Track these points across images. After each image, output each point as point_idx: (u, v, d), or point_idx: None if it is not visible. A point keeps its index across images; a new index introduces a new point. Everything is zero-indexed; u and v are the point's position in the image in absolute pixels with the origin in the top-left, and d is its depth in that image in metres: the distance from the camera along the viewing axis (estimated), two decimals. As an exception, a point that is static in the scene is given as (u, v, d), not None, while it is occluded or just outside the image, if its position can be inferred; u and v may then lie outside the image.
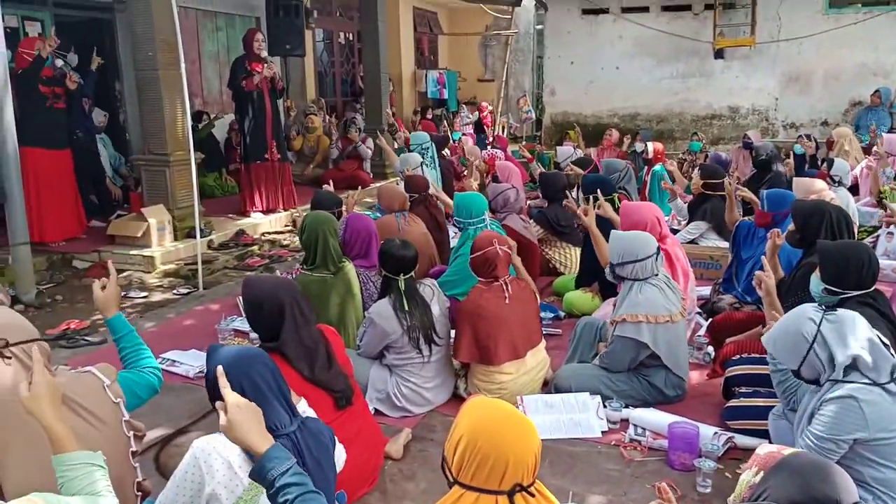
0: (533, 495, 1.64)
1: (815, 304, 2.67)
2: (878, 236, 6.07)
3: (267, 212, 7.74)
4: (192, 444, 2.03)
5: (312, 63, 12.24)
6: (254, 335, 3.69)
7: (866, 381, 2.44)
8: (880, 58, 10.70)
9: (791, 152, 8.33)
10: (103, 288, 2.52)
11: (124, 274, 5.99)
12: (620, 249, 3.63)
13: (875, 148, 7.84)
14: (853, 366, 2.47)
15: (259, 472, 1.69)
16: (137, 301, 5.44)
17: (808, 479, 1.45)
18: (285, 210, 7.87)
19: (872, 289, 3.00)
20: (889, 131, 8.79)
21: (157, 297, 5.59)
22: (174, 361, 4.13)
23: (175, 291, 5.66)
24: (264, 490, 2.03)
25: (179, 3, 5.60)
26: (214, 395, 2.17)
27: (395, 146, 10.74)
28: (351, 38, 13.84)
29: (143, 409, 2.64)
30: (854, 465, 2.45)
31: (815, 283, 3.05)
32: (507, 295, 3.58)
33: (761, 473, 1.53)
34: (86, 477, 1.81)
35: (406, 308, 3.44)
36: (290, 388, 2.19)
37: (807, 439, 2.46)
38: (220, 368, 1.84)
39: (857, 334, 2.49)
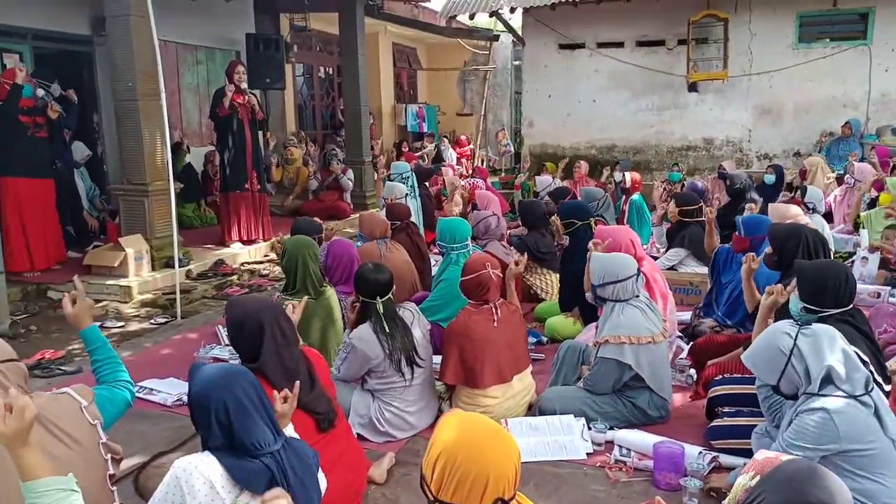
0: None
1: (791, 321, 2.70)
2: (853, 262, 6.17)
3: (247, 242, 7.69)
4: (172, 465, 1.99)
5: (292, 96, 12.33)
6: (234, 362, 3.65)
7: (841, 393, 2.46)
8: (849, 90, 10.98)
9: (762, 181, 8.46)
10: (73, 302, 2.48)
11: (101, 304, 5.90)
12: (601, 271, 3.65)
13: (846, 177, 8.03)
14: (829, 379, 2.49)
15: None
16: (114, 331, 5.35)
17: (804, 485, 1.45)
18: (265, 240, 7.84)
19: (851, 307, 3.04)
20: (860, 160, 8.97)
21: (134, 326, 5.50)
22: (152, 390, 4.05)
23: (152, 321, 5.58)
24: (248, 508, 1.99)
25: (159, 35, 5.62)
26: (196, 417, 2.13)
27: (376, 177, 10.82)
28: (331, 72, 13.97)
29: (120, 437, 2.59)
30: (834, 477, 2.46)
31: (794, 303, 3.09)
32: (496, 318, 3.58)
33: (757, 478, 1.53)
34: (62, 501, 1.76)
35: (387, 331, 3.41)
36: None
37: (780, 444, 2.47)
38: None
39: (832, 347, 2.52)
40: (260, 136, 8.22)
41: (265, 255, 7.75)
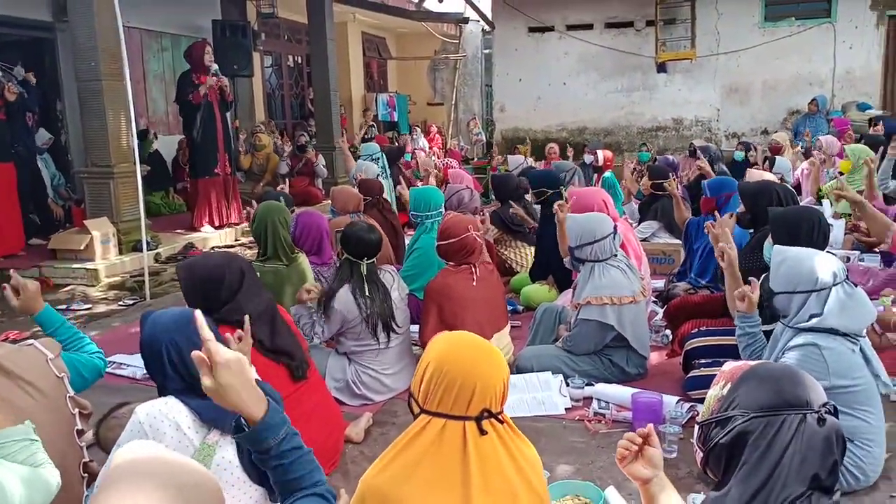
0: (502, 423, 1.59)
1: (841, 266, 2.61)
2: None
3: (218, 227, 7.57)
4: (134, 411, 1.91)
5: (261, 85, 12.17)
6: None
7: (826, 329, 2.47)
8: (814, 68, 11.14)
9: (731, 158, 8.56)
10: (17, 293, 2.41)
11: (67, 288, 5.77)
12: (578, 231, 3.63)
13: (815, 152, 8.12)
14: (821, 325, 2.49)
15: (254, 438, 1.41)
16: (80, 313, 5.23)
17: (778, 383, 1.43)
18: (236, 224, 7.73)
19: (825, 251, 3.06)
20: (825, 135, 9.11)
21: (102, 308, 5.38)
22: (121, 364, 3.97)
23: (120, 303, 5.46)
24: (218, 450, 1.93)
25: (123, 21, 5.49)
26: (150, 366, 2.05)
27: (339, 146, 10.72)
28: (300, 61, 13.83)
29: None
30: (817, 414, 2.46)
31: (768, 248, 3.10)
32: (475, 277, 3.55)
33: (728, 385, 1.50)
34: (22, 451, 1.69)
35: (367, 293, 3.36)
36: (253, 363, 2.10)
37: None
38: (198, 313, 1.49)
39: (855, 311, 2.49)
40: (229, 117, 8.10)
41: (236, 240, 7.64)
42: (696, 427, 1.55)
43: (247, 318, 2.35)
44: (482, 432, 1.54)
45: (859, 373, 2.49)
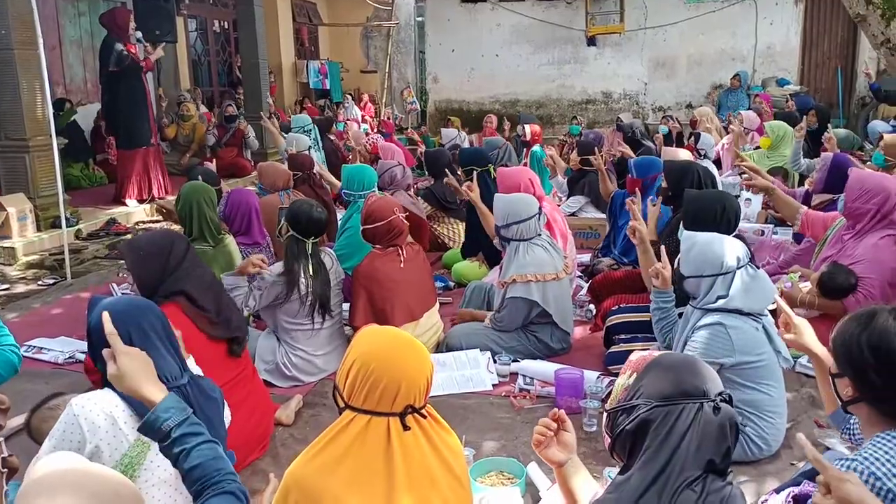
0: (424, 417, 1.65)
1: (745, 250, 2.77)
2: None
3: (145, 200, 7.33)
4: (69, 403, 1.90)
5: (185, 51, 11.75)
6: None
7: (732, 309, 2.62)
8: (737, 44, 11.50)
9: (656, 132, 8.80)
10: None
11: (-19, 267, 5.53)
12: (504, 211, 3.71)
13: (732, 126, 8.42)
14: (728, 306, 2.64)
15: (153, 423, 1.52)
16: (-2, 294, 5.04)
17: (679, 374, 1.54)
18: (163, 197, 7.51)
19: (732, 235, 3.21)
20: (747, 109, 9.46)
21: (21, 288, 5.19)
22: (41, 349, 3.86)
23: (40, 282, 5.28)
24: (153, 446, 1.93)
25: (36, -17, 5.21)
26: (100, 346, 2.04)
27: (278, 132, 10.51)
28: (226, 26, 13.39)
29: (10, 397, 2.44)
30: (723, 389, 2.63)
31: (681, 229, 3.25)
32: (402, 259, 3.59)
33: (634, 375, 1.60)
34: None
35: (311, 272, 3.36)
36: (185, 339, 2.11)
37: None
38: (105, 314, 1.67)
39: (758, 292, 2.66)
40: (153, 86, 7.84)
41: (156, 212, 7.42)
42: (605, 414, 1.65)
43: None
44: (406, 428, 1.59)
45: (762, 349, 2.66)
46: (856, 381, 1.64)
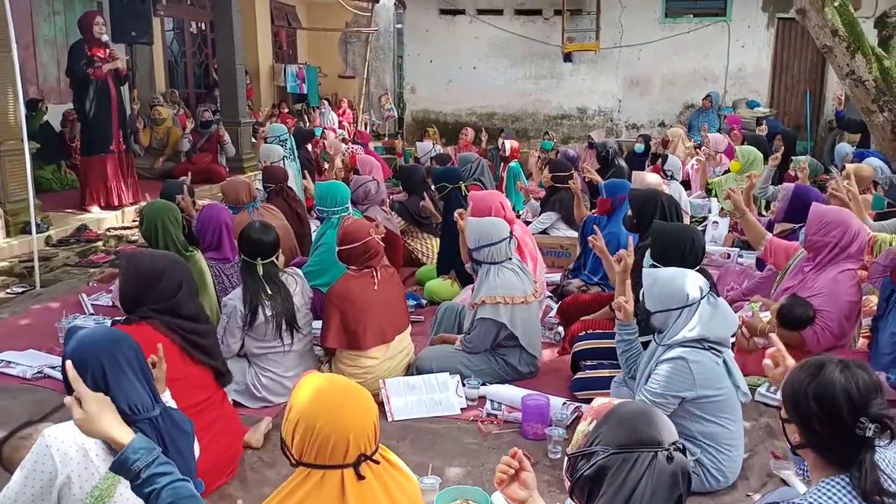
0: (377, 462, 1.67)
1: (705, 282, 2.86)
2: (706, 226, 6.67)
3: (108, 207, 7.24)
4: (42, 434, 1.92)
5: (162, 52, 11.66)
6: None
7: (696, 344, 2.71)
8: (710, 64, 11.74)
9: (631, 150, 8.96)
10: None
11: (-53, 273, 5.45)
12: (476, 234, 3.78)
13: (703, 147, 8.61)
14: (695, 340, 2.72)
15: (122, 463, 1.58)
16: (-36, 302, 4.97)
17: (634, 424, 1.61)
18: (132, 204, 7.45)
19: (697, 268, 3.31)
20: (717, 132, 9.67)
21: (-12, 296, 5.14)
22: (9, 362, 3.82)
23: (8, 291, 5.22)
24: (123, 479, 1.96)
25: (10, -19, 5.17)
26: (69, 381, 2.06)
27: (254, 141, 10.49)
28: (204, 27, 13.31)
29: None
30: (683, 420, 2.72)
31: (647, 260, 3.35)
32: (376, 281, 3.63)
33: (594, 422, 1.67)
34: None
35: (269, 293, 3.39)
36: (170, 366, 2.15)
37: (642, 394, 2.70)
38: (69, 363, 1.72)
39: (720, 321, 2.75)
40: (125, 91, 7.75)
41: (133, 220, 7.37)
42: (566, 458, 1.71)
43: (160, 346, 2.35)
44: (360, 477, 1.62)
45: (722, 383, 2.75)
46: (802, 429, 1.72)
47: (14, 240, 5.96)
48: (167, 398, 2.32)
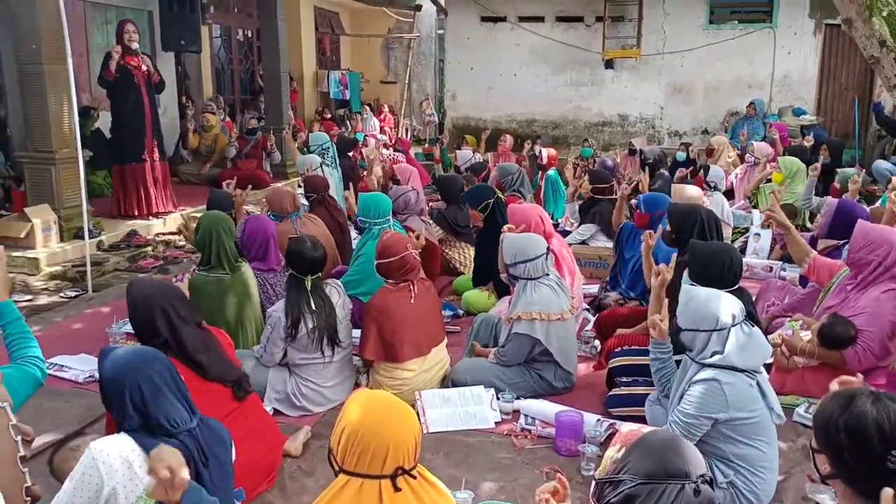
0: (415, 477, 1.74)
1: (741, 308, 2.83)
2: (748, 237, 6.59)
3: (141, 217, 7.25)
4: (88, 446, 2.03)
5: (209, 60, 11.94)
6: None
7: (727, 366, 2.71)
8: (755, 71, 11.54)
9: (674, 158, 8.88)
10: None
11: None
12: (513, 250, 3.81)
13: (747, 155, 8.48)
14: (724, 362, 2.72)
15: None
16: (22, 304, 5.16)
17: (663, 454, 1.63)
18: (167, 213, 7.55)
19: (735, 287, 3.30)
20: (762, 140, 9.51)
21: (43, 300, 5.35)
22: (62, 366, 3.99)
23: (62, 294, 5.44)
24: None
25: (66, -6, 5.38)
26: (109, 399, 2.16)
27: (296, 146, 10.68)
28: (250, 35, 13.58)
29: (31, 415, 2.58)
30: (717, 442, 2.72)
31: (685, 279, 3.34)
32: (413, 294, 3.69)
33: (623, 449, 1.70)
34: None
35: (313, 308, 3.48)
36: (188, 384, 2.22)
37: (675, 415, 2.71)
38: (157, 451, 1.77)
39: (753, 350, 2.74)
40: (158, 99, 7.82)
41: (177, 228, 7.54)
42: (593, 482, 1.75)
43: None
44: (396, 489, 1.69)
45: (756, 406, 2.74)
46: (832, 460, 1.73)
47: (67, 244, 6.20)
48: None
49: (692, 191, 5.50)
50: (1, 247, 2.66)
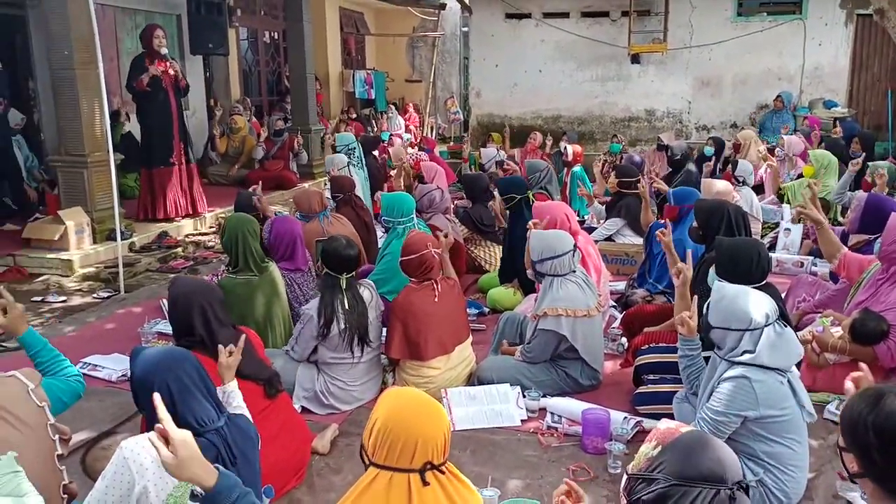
0: (443, 473, 1.76)
1: (773, 307, 2.80)
2: (777, 232, 6.49)
3: (168, 219, 7.35)
4: (120, 445, 2.07)
5: (237, 62, 12.08)
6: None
7: (757, 364, 2.68)
8: (785, 63, 11.33)
9: (700, 152, 8.78)
10: (4, 312, 2.48)
11: (42, 278, 5.83)
12: (540, 247, 3.81)
13: (777, 150, 8.35)
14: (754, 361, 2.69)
15: (211, 501, 1.65)
16: (56, 306, 5.31)
17: (700, 457, 1.60)
18: (197, 214, 7.66)
19: (763, 283, 3.26)
20: (793, 133, 9.35)
21: (77, 301, 5.47)
22: (96, 366, 4.08)
23: (95, 295, 5.55)
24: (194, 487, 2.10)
25: (96, 0, 5.49)
26: (140, 399, 2.22)
27: (322, 147, 10.78)
28: (276, 36, 13.71)
29: (66, 415, 2.63)
30: (747, 440, 2.70)
31: (712, 276, 3.31)
32: (436, 293, 3.72)
33: (659, 447, 1.67)
34: (7, 483, 1.83)
35: (346, 307, 3.52)
36: (218, 382, 2.27)
37: (704, 412, 2.69)
38: (156, 396, 1.76)
39: (785, 350, 2.71)
40: (185, 103, 7.91)
41: (210, 227, 7.67)
42: (625, 476, 1.73)
43: (243, 336, 2.57)
44: (425, 483, 1.72)
45: (786, 403, 2.71)
46: (860, 459, 1.70)
47: (100, 246, 6.32)
48: (233, 387, 2.48)
49: (721, 186, 5.44)
50: (3, 288, 2.66)
